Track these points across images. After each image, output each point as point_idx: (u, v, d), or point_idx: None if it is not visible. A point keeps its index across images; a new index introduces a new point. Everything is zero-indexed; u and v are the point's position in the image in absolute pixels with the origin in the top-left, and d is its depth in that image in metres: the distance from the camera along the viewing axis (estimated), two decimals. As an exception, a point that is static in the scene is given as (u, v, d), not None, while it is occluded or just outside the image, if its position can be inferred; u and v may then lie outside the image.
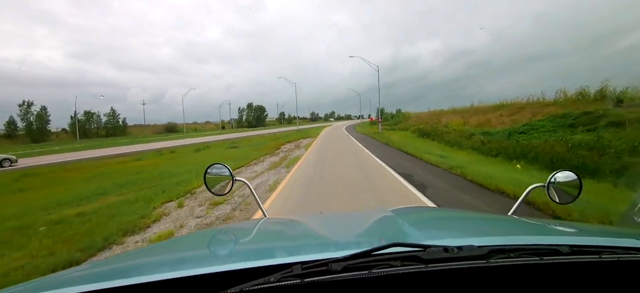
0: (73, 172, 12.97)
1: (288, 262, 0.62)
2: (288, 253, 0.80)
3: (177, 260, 0.90)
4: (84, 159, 18.78)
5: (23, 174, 12.71)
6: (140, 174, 10.55)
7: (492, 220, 1.36)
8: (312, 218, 1.63)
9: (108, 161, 16.76)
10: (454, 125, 21.46)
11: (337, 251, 0.69)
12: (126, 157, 18.46)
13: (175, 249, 1.11)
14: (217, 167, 1.57)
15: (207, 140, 31.83)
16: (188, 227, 4.65)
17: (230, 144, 23.48)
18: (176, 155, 18.14)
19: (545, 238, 0.90)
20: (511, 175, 7.52)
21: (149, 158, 16.85)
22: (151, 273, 0.63)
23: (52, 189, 8.94)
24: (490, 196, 5.71)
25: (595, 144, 9.27)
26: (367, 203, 5.42)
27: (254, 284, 0.54)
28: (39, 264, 3.37)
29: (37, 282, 0.74)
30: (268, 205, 5.55)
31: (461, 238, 0.94)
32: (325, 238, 1.13)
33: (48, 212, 5.81)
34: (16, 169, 15.76)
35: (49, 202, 6.75)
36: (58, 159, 19.69)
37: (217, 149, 20.57)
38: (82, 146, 34.19)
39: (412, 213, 1.49)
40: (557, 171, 1.32)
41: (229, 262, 0.68)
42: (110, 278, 0.63)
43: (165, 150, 22.12)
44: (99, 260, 1.09)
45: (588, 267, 0.63)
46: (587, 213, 4.15)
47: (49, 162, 17.79)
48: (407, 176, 7.64)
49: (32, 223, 5.00)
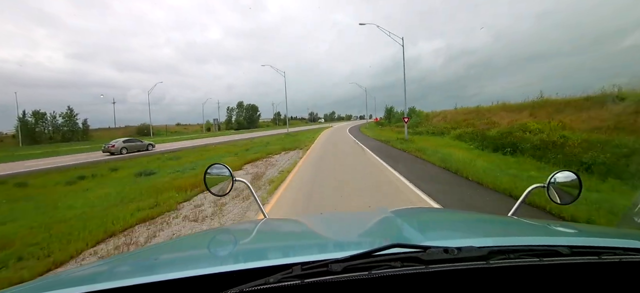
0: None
1: (288, 263, 0.62)
2: (288, 253, 0.81)
3: (177, 260, 0.91)
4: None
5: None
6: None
7: (492, 221, 1.36)
8: (312, 219, 1.64)
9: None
10: (532, 127, 12.87)
11: (337, 252, 0.69)
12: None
13: (175, 250, 1.11)
14: (217, 167, 1.56)
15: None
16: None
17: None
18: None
19: (545, 239, 0.91)
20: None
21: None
22: (151, 274, 0.63)
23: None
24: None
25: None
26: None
27: (254, 285, 0.54)
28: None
29: (37, 282, 0.74)
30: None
31: (461, 239, 0.95)
32: (325, 239, 1.12)
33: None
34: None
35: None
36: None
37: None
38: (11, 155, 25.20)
39: (412, 214, 1.49)
40: (557, 171, 1.31)
41: (229, 262, 0.69)
42: (110, 278, 0.64)
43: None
44: (99, 261, 1.10)
45: (588, 267, 0.63)
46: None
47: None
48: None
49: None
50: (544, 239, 0.89)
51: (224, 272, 0.61)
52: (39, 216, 5.92)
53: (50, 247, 4.08)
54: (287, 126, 47.54)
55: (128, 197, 7.08)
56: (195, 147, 24.13)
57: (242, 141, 27.28)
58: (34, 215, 6.11)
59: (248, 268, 0.62)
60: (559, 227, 1.12)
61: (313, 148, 16.20)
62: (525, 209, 4.13)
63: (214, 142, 29.99)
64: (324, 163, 10.81)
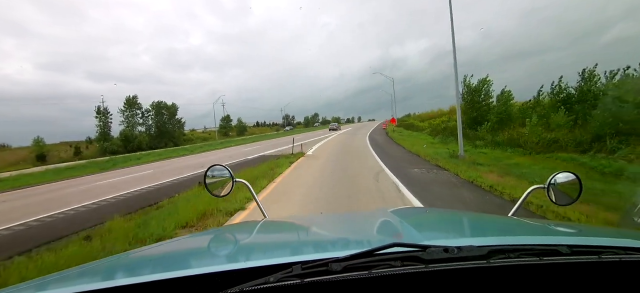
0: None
1: (288, 262, 0.62)
2: (288, 253, 0.81)
3: (177, 259, 0.91)
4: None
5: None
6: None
7: (492, 221, 1.35)
8: (312, 219, 1.66)
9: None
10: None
11: (337, 251, 0.69)
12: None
13: (176, 249, 1.10)
14: (217, 169, 1.59)
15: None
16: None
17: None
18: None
19: (545, 238, 0.91)
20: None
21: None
22: (151, 273, 0.63)
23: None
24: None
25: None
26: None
27: (254, 284, 0.54)
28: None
29: (37, 282, 0.74)
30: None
31: (461, 238, 0.95)
32: (325, 238, 1.13)
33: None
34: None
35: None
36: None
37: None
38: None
39: (412, 214, 1.49)
40: (557, 172, 1.31)
41: (229, 262, 0.69)
42: (110, 278, 0.64)
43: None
44: (99, 260, 1.00)
45: (588, 267, 0.63)
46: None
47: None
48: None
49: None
50: (544, 238, 0.89)
51: (224, 271, 0.61)
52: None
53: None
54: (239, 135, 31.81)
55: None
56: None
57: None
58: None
59: (248, 267, 0.62)
60: (558, 226, 1.12)
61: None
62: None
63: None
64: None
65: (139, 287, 0.59)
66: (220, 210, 5.41)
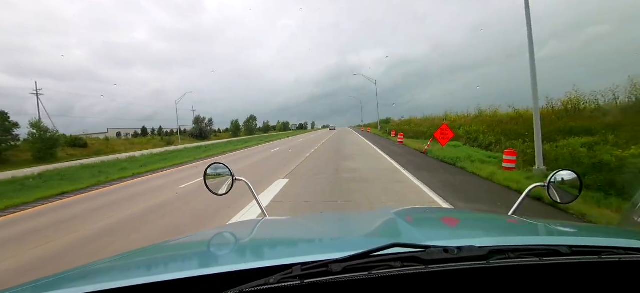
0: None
1: (288, 263, 0.62)
2: (288, 253, 0.81)
3: (177, 260, 0.91)
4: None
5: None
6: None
7: (492, 221, 1.35)
8: (312, 219, 1.65)
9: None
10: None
11: (337, 252, 0.68)
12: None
13: (175, 250, 1.10)
14: (217, 167, 1.58)
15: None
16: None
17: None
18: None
19: (545, 238, 0.91)
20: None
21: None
22: (151, 274, 0.63)
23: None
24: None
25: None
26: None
27: (254, 285, 0.54)
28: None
29: (37, 282, 0.74)
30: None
31: (461, 238, 0.94)
32: (325, 239, 1.12)
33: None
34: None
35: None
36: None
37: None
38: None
39: (413, 214, 1.48)
40: (558, 170, 1.30)
41: (229, 263, 0.68)
42: (109, 279, 0.64)
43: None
44: (99, 261, 0.99)
45: (588, 267, 0.63)
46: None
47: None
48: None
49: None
50: (544, 239, 0.89)
51: (224, 272, 0.61)
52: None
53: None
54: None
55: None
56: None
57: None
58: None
59: (248, 268, 0.62)
60: (559, 226, 1.13)
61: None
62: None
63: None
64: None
65: (139, 288, 0.59)
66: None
